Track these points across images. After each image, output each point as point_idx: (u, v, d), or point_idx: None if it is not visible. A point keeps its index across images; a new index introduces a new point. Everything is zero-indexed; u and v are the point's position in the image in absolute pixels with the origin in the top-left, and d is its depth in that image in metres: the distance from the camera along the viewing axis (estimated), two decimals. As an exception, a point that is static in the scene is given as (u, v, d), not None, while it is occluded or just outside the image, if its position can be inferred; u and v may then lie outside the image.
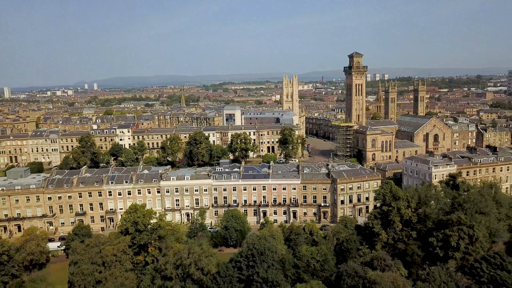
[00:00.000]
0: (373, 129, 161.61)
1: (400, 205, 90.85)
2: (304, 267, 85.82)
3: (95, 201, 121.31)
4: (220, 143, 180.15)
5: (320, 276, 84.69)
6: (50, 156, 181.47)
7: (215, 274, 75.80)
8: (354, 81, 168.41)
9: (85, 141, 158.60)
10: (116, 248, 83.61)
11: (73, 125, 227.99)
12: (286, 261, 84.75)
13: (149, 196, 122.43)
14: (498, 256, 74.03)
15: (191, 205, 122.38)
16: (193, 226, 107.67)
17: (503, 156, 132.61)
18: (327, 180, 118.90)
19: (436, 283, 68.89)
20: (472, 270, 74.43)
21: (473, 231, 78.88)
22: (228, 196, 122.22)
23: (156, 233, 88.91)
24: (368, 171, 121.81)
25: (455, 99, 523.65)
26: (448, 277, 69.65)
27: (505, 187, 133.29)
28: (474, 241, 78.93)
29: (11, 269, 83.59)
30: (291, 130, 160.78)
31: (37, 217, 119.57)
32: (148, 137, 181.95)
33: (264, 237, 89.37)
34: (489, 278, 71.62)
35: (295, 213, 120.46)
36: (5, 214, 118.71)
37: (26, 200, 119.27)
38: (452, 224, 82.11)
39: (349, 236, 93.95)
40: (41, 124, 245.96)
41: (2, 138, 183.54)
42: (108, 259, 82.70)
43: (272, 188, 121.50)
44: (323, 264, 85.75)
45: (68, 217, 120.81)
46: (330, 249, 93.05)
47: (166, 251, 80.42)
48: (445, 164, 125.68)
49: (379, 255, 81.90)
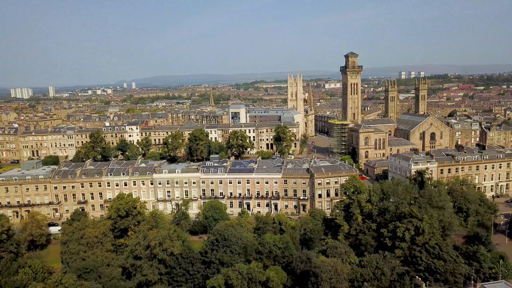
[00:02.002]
0: (366, 128, 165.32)
1: (360, 199, 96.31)
2: (266, 253, 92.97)
3: (95, 191, 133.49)
4: (222, 140, 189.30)
5: (281, 262, 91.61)
6: (67, 151, 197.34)
7: (178, 255, 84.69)
8: (349, 81, 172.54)
9: (95, 137, 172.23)
10: (98, 231, 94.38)
11: (93, 122, 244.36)
12: (248, 247, 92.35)
13: (143, 187, 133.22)
14: (438, 246, 78.58)
15: (181, 196, 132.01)
16: (177, 215, 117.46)
17: (487, 155, 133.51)
18: (307, 175, 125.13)
19: (371, 268, 74.54)
20: (413, 259, 79.32)
21: (421, 223, 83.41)
22: (215, 188, 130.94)
23: (135, 219, 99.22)
24: (347, 167, 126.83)
25: (488, 97, 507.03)
26: (383, 263, 75.05)
27: (490, 185, 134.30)
28: (421, 233, 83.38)
29: (10, 246, 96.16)
30: (285, 128, 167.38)
31: (45, 204, 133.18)
32: (155, 134, 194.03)
33: (232, 225, 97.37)
34: (425, 266, 76.48)
35: (276, 205, 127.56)
36: (17, 201, 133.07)
37: (35, 189, 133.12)
38: (405, 216, 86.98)
39: (314, 227, 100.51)
40: (64, 122, 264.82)
41: (25, 134, 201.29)
42: (91, 240, 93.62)
43: (256, 182, 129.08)
44: (284, 251, 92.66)
45: (72, 205, 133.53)
46: (296, 238, 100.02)
47: (139, 234, 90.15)
48: (426, 161, 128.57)
49: (333, 244, 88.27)
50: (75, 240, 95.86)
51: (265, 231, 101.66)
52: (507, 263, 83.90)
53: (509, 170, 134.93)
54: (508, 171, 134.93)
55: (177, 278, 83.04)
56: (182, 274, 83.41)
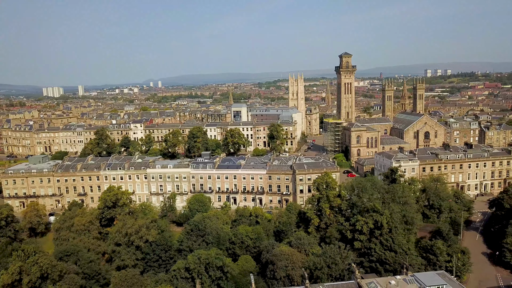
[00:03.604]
0: (358, 126, 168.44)
1: (329, 194, 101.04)
2: (239, 243, 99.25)
3: (94, 184, 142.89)
4: (220, 137, 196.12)
5: (252, 251, 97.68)
6: (76, 147, 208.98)
7: (153, 242, 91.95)
8: (343, 80, 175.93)
9: (100, 134, 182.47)
10: (85, 219, 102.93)
11: (104, 120, 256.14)
12: (222, 237, 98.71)
13: (138, 181, 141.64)
14: (391, 239, 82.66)
15: (173, 190, 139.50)
16: (164, 207, 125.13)
17: (471, 154, 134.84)
18: (290, 171, 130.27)
19: (325, 257, 79.41)
20: (368, 251, 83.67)
21: (381, 217, 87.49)
22: (204, 183, 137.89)
23: (122, 210, 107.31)
24: (329, 164, 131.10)
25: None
26: (337, 254, 79.81)
27: (475, 183, 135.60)
28: (379, 227, 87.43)
29: (8, 232, 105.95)
30: (279, 126, 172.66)
31: (48, 195, 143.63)
32: (158, 131, 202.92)
33: (208, 217, 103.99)
34: (378, 257, 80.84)
35: (261, 200, 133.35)
36: (24, 192, 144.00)
37: (40, 182, 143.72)
38: (368, 211, 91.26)
39: (288, 220, 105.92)
40: (78, 119, 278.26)
41: (39, 131, 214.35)
42: (79, 228, 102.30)
43: (242, 178, 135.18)
44: (255, 241, 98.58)
45: (73, 197, 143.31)
46: (270, 230, 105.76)
47: (120, 223, 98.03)
48: (408, 159, 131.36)
49: (298, 236, 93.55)
50: (66, 228, 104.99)
51: (241, 223, 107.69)
52: (464, 257, 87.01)
53: (494, 169, 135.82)
54: (493, 170, 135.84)
55: (150, 264, 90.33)
56: (155, 260, 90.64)
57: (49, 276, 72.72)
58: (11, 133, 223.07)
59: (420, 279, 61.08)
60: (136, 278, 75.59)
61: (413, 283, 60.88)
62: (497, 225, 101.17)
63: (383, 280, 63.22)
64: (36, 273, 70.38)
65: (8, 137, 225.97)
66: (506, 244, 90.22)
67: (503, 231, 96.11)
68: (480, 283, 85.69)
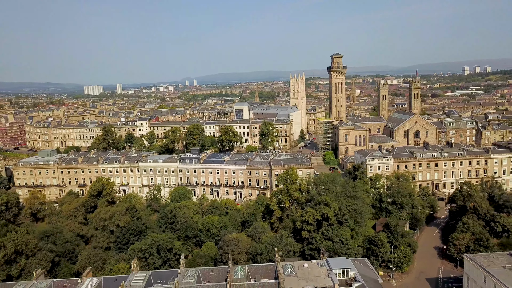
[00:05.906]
0: (346, 125, 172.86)
1: (289, 188, 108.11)
2: (205, 231, 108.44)
3: (92, 176, 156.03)
4: (219, 134, 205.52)
5: (217, 239, 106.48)
6: (88, 142, 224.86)
7: (123, 227, 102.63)
8: (334, 80, 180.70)
9: (106, 130, 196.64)
10: (71, 206, 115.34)
11: (118, 118, 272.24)
12: (189, 225, 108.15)
13: (131, 174, 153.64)
14: (331, 229, 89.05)
15: (162, 183, 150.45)
16: (149, 198, 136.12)
17: (447, 152, 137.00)
18: (267, 167, 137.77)
19: (268, 244, 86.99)
20: (311, 239, 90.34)
21: (328, 209, 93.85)
22: (190, 177, 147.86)
23: (104, 199, 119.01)
24: (304, 161, 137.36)
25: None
26: (278, 241, 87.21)
27: (451, 182, 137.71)
28: (326, 218, 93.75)
29: (8, 216, 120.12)
30: (270, 124, 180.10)
31: (53, 186, 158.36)
32: (161, 128, 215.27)
33: (180, 207, 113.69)
34: (316, 245, 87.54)
35: (241, 193, 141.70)
36: (32, 182, 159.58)
37: (46, 173, 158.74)
38: (319, 204, 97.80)
39: (254, 211, 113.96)
40: (96, 117, 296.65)
41: (56, 127, 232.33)
42: (66, 214, 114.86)
43: (225, 172, 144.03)
44: (220, 230, 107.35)
45: (74, 187, 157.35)
46: (237, 221, 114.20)
47: (97, 210, 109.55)
48: (382, 157, 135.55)
49: (255, 226, 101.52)
50: (56, 214, 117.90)
51: (212, 213, 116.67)
52: (407, 250, 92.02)
53: (470, 168, 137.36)
54: (470, 169, 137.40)
55: (120, 246, 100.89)
56: (125, 243, 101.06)
57: (23, 251, 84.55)
58: (33, 129, 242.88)
59: (330, 263, 67.83)
60: (98, 256, 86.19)
61: (323, 267, 67.77)
62: (451, 221, 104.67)
63: (299, 263, 70.54)
64: (10, 248, 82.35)
65: (30, 133, 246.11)
66: (452, 238, 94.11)
67: (454, 227, 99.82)
68: (420, 274, 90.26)
